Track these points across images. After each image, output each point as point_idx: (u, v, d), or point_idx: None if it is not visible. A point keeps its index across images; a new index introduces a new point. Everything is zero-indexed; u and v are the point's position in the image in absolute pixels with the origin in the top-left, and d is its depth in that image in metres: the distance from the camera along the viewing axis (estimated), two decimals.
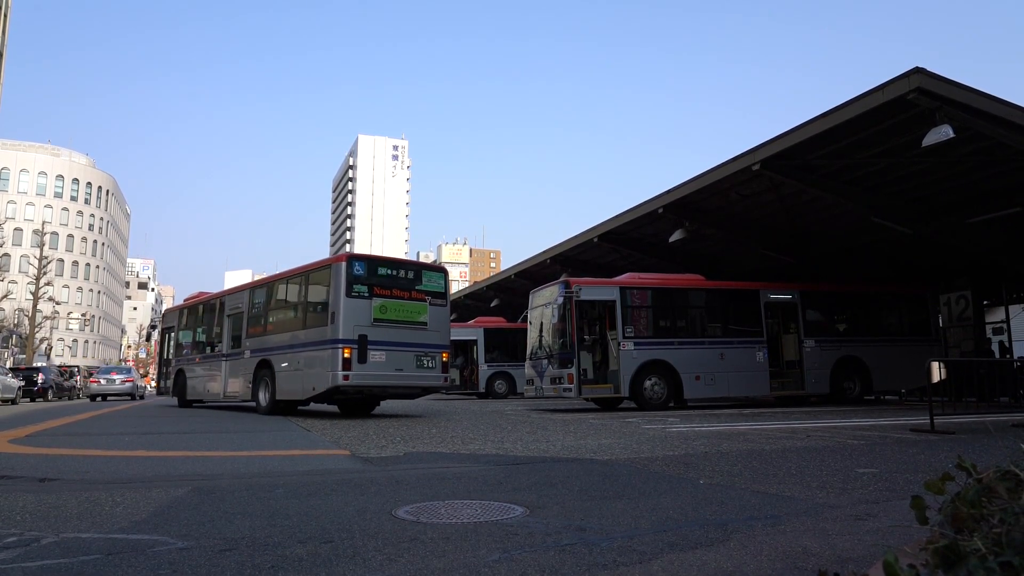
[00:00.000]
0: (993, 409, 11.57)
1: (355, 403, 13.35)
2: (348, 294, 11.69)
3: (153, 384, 38.71)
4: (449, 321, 13.28)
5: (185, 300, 19.85)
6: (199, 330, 17.60)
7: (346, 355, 11.42)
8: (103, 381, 29.65)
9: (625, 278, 15.81)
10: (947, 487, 1.56)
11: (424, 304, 12.50)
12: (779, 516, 3.33)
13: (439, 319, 12.73)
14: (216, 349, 15.93)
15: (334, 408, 14.90)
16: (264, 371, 13.34)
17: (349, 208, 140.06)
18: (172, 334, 19.00)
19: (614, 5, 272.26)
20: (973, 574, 1.22)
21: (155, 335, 24.30)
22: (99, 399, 29.23)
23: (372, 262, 12.38)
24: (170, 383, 18.48)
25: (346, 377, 11.39)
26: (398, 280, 12.42)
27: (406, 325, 12.17)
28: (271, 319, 14.15)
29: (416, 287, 12.57)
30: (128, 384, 29.66)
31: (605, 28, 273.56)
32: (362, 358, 11.55)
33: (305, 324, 12.60)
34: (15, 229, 78.01)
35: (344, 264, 11.85)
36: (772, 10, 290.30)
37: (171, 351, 18.97)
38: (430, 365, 12.41)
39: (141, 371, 50.73)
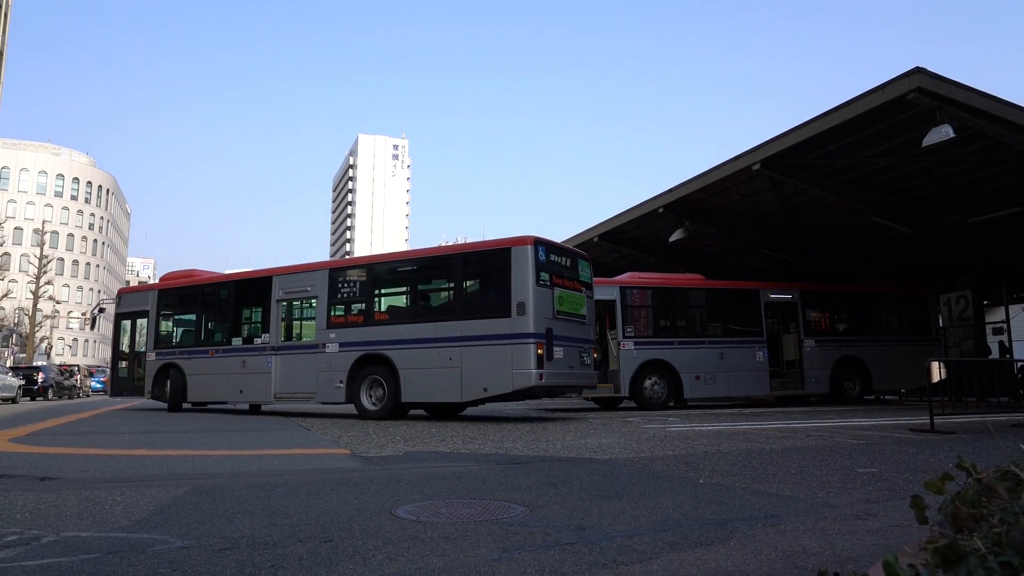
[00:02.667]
0: (993, 409, 11.57)
1: (451, 406, 11.90)
2: (537, 283, 10.50)
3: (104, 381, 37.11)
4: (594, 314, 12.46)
5: (163, 279, 16.29)
6: (207, 317, 14.74)
7: (539, 351, 10.24)
8: None
9: (625, 277, 15.82)
10: (947, 487, 1.56)
11: (583, 295, 11.63)
12: (779, 516, 3.33)
13: (591, 312, 11.97)
14: (257, 340, 13.25)
15: (335, 408, 14.76)
16: (371, 368, 11.55)
17: (349, 208, 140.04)
18: (143, 321, 15.44)
19: None
20: (973, 574, 1.22)
21: (100, 320, 19.51)
22: None
23: (549, 247, 11.09)
24: (147, 382, 14.78)
25: (541, 376, 10.20)
26: (565, 269, 11.38)
27: (573, 318, 11.23)
28: (388, 306, 12.16)
29: (576, 277, 11.66)
30: None
31: (606, 23, 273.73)
32: (549, 355, 10.42)
33: (463, 314, 11.02)
34: (15, 228, 78.04)
35: (532, 248, 10.58)
36: (771, 6, 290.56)
37: (143, 342, 15.36)
38: (587, 362, 11.56)
39: None
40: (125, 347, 15.95)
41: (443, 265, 11.90)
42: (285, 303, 13.18)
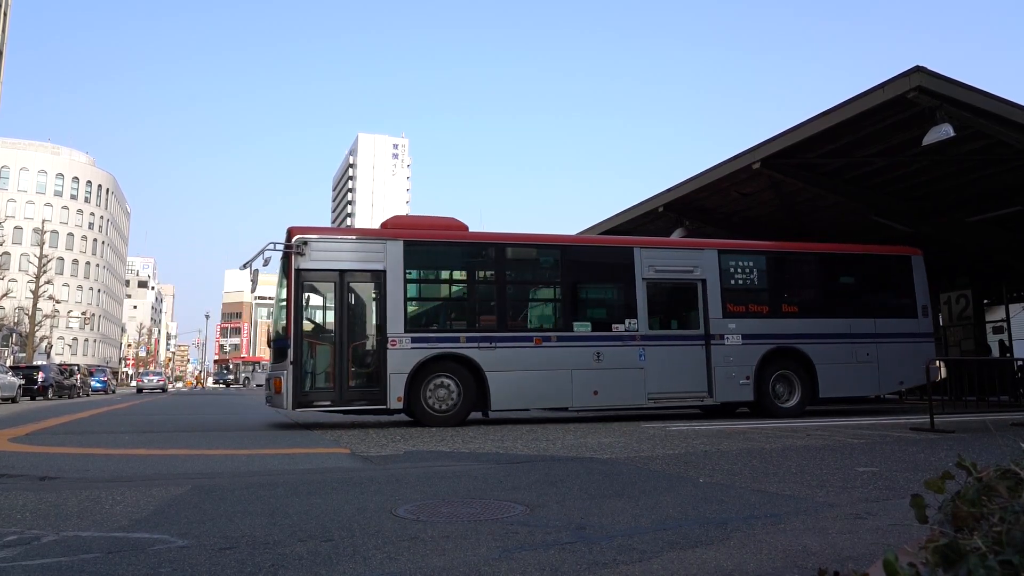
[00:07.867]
0: (993, 408, 11.57)
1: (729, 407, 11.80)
2: None
3: (258, 379, 42.77)
4: None
5: (395, 224, 10.69)
6: (520, 289, 11.02)
7: None
8: (145, 380, 48.98)
9: None
10: (947, 486, 1.56)
11: None
12: (779, 515, 3.33)
13: None
14: (617, 327, 10.59)
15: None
16: (778, 362, 11.28)
17: (349, 207, 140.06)
18: (364, 287, 10.00)
19: None
20: (973, 572, 1.22)
21: (257, 272, 9.82)
22: (143, 392, 44.89)
23: None
24: (392, 384, 9.50)
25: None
26: None
27: None
28: (796, 297, 11.96)
29: None
30: (161, 382, 49.87)
31: (605, 23, 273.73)
32: None
33: (876, 312, 12.15)
34: (15, 228, 77.93)
35: (922, 257, 12.65)
36: (771, 6, 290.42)
37: (360, 319, 10.04)
38: None
39: (155, 370, 72.43)
40: (318, 324, 10.00)
41: (848, 262, 12.70)
42: (653, 283, 11.03)
